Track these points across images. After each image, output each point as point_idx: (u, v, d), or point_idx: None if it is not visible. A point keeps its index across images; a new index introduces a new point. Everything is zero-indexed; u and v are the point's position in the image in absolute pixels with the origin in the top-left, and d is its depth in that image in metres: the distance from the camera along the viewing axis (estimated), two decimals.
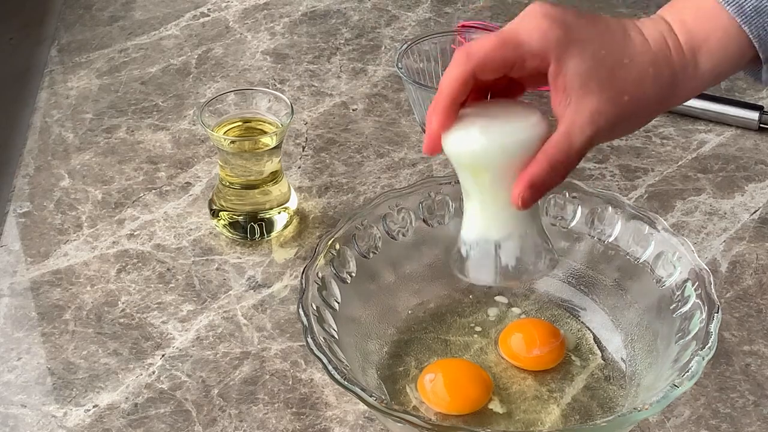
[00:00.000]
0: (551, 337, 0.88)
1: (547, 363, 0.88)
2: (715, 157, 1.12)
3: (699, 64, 0.75)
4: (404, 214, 0.92)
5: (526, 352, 0.88)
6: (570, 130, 0.73)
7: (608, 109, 0.73)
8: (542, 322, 0.90)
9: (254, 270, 1.00)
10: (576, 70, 0.72)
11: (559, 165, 0.73)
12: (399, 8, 1.35)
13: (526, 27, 0.73)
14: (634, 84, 0.73)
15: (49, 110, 1.20)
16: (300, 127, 1.17)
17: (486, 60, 0.73)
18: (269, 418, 0.87)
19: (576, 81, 0.72)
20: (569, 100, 0.73)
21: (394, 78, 1.23)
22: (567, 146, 0.73)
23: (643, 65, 0.74)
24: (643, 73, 0.74)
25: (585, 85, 0.72)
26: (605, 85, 0.73)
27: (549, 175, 0.73)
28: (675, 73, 0.75)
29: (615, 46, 0.74)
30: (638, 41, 0.74)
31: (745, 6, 0.74)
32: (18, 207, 1.08)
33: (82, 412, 0.88)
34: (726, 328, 0.93)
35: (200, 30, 1.33)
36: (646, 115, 0.76)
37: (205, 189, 1.09)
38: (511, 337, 0.89)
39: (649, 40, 0.75)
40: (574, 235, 0.92)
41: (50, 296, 0.98)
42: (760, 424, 0.86)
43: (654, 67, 0.74)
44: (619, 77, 0.73)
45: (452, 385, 0.85)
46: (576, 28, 0.73)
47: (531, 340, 0.88)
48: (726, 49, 0.75)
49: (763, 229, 1.03)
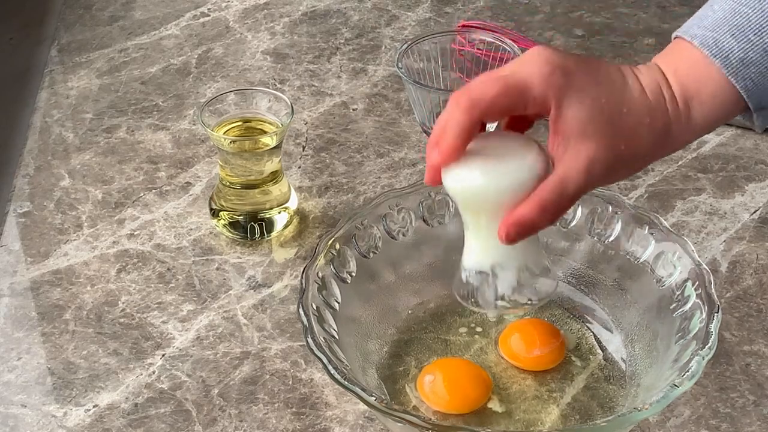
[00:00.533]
0: (551, 338, 0.88)
1: (548, 363, 0.88)
2: (715, 156, 1.12)
3: (692, 114, 0.76)
4: (404, 214, 0.92)
5: (526, 352, 0.88)
6: (565, 175, 0.73)
7: (605, 156, 0.73)
8: (542, 323, 0.90)
9: (254, 270, 1.00)
10: (575, 116, 0.73)
11: (551, 208, 0.74)
12: (399, 8, 1.35)
13: (528, 71, 0.73)
14: (631, 132, 0.74)
15: (49, 110, 1.20)
16: (300, 127, 1.17)
17: (491, 108, 0.74)
18: (269, 418, 0.87)
19: (575, 127, 0.73)
20: (567, 145, 0.73)
21: (394, 78, 1.23)
22: (560, 191, 0.73)
23: (640, 114, 0.75)
24: (639, 122, 0.74)
25: (583, 131, 0.73)
26: (603, 132, 0.73)
27: (538, 217, 0.74)
28: (669, 123, 0.75)
29: (614, 94, 0.74)
30: (636, 90, 0.75)
31: (732, 59, 0.74)
32: (18, 207, 1.08)
33: (82, 412, 0.88)
34: (726, 328, 0.93)
35: (200, 30, 1.33)
36: (641, 163, 0.77)
37: (205, 189, 1.09)
38: (511, 338, 0.89)
39: (646, 90, 0.75)
40: (574, 235, 0.92)
41: (50, 296, 0.98)
42: (760, 424, 0.86)
43: (650, 117, 0.75)
44: (617, 125, 0.74)
45: (451, 385, 0.85)
46: (577, 74, 0.74)
47: (531, 341, 0.88)
48: (717, 100, 0.76)
49: (763, 229, 1.03)
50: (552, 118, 0.74)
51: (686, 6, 1.33)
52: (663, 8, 1.33)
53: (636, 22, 1.31)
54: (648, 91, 0.75)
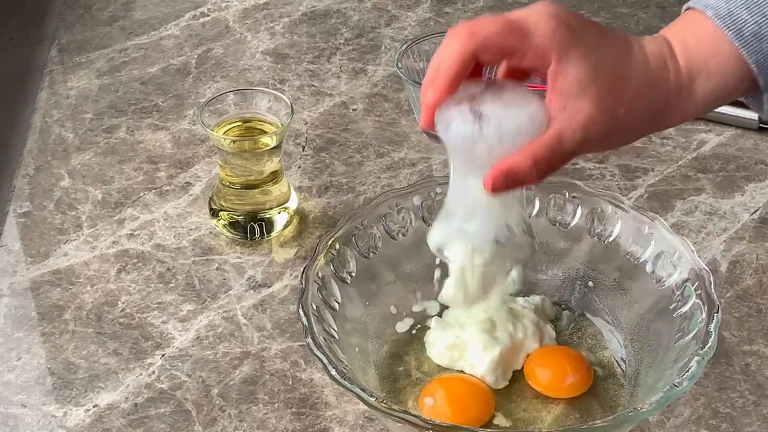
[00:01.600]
0: (579, 362, 0.87)
1: (581, 388, 0.86)
2: (715, 157, 1.12)
3: (695, 88, 0.75)
4: (404, 214, 0.92)
5: (559, 381, 0.86)
6: (561, 132, 0.72)
7: (603, 118, 0.72)
8: (564, 349, 0.89)
9: (254, 270, 1.00)
10: (576, 74, 0.72)
11: (543, 163, 0.72)
12: (399, 8, 1.35)
13: (534, 20, 0.72)
14: (631, 99, 0.73)
15: (49, 110, 1.20)
16: (300, 127, 1.17)
17: (489, 42, 0.72)
18: (269, 418, 0.87)
19: (575, 85, 0.72)
20: (565, 103, 0.72)
21: (394, 78, 1.23)
22: (555, 147, 0.72)
23: (641, 81, 0.74)
24: (640, 90, 0.74)
25: (583, 91, 0.72)
26: (603, 94, 0.72)
27: (528, 170, 0.72)
28: (669, 94, 0.75)
29: (618, 59, 0.73)
30: (640, 59, 0.74)
31: (744, 31, 0.73)
32: (18, 207, 1.08)
33: (82, 412, 0.88)
34: (726, 328, 0.93)
35: (200, 30, 1.33)
36: (637, 131, 0.76)
37: (205, 189, 1.09)
38: (539, 369, 0.87)
39: (650, 59, 0.74)
40: (574, 235, 0.92)
41: (50, 296, 0.98)
42: (760, 424, 0.86)
43: (651, 87, 0.74)
44: (618, 90, 0.73)
45: (455, 407, 0.83)
46: (582, 33, 0.73)
47: (562, 369, 0.86)
48: (724, 74, 0.74)
49: (763, 229, 1.03)
50: (551, 73, 0.72)
51: None
52: (663, 8, 1.33)
53: (636, 22, 1.31)
54: (652, 61, 0.74)
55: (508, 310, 0.88)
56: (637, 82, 0.73)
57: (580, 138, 0.72)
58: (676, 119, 0.76)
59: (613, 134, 0.74)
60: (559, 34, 0.72)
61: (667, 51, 0.75)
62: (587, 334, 0.90)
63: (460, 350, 0.87)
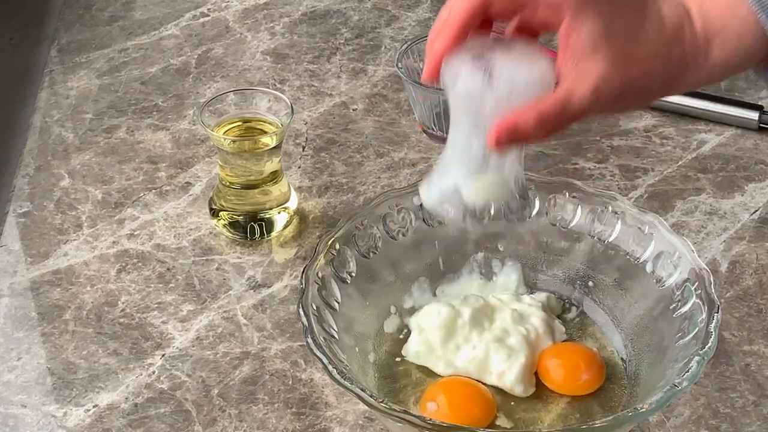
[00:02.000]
0: (592, 359, 0.87)
1: (594, 384, 0.86)
2: (715, 157, 1.12)
3: (711, 53, 0.74)
4: (404, 214, 0.92)
5: (574, 378, 0.86)
6: (571, 90, 0.70)
7: (615, 78, 0.70)
8: (576, 345, 0.89)
9: (254, 270, 1.00)
10: (590, 31, 0.70)
11: (549, 121, 0.70)
12: (399, 8, 1.35)
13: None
14: (645, 60, 0.72)
15: (49, 110, 1.20)
16: (300, 127, 1.17)
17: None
18: (269, 418, 0.87)
19: (588, 43, 0.70)
20: (577, 61, 0.70)
21: (394, 78, 1.23)
22: (563, 105, 0.70)
23: (656, 43, 0.72)
24: (654, 52, 0.72)
25: (596, 49, 0.70)
26: (617, 54, 0.70)
27: (534, 128, 0.70)
28: (685, 57, 0.73)
29: (634, 18, 0.72)
30: (656, 20, 0.72)
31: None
32: (18, 207, 1.08)
33: (82, 412, 0.88)
34: (726, 328, 0.93)
35: (200, 30, 1.33)
36: (649, 94, 0.75)
37: (205, 189, 1.09)
38: (554, 367, 0.87)
39: (665, 20, 0.73)
40: (574, 235, 0.92)
41: (50, 296, 0.98)
42: (760, 424, 0.86)
43: (666, 48, 0.72)
44: (632, 50, 0.71)
45: (457, 411, 0.83)
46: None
47: (575, 366, 0.86)
48: (741, 39, 0.73)
49: (763, 229, 1.03)
50: (564, 30, 0.70)
51: None
52: None
53: None
54: (668, 23, 0.73)
55: (514, 313, 0.88)
56: (652, 44, 0.72)
57: (590, 98, 0.70)
58: (689, 83, 0.75)
59: (624, 96, 0.72)
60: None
61: (683, 13, 0.74)
62: (587, 334, 0.90)
63: (483, 363, 0.86)
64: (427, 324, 0.88)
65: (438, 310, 0.88)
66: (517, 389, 0.85)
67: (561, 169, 1.09)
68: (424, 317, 0.89)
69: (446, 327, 0.87)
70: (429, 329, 0.87)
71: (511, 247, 0.94)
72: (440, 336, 0.87)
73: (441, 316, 0.87)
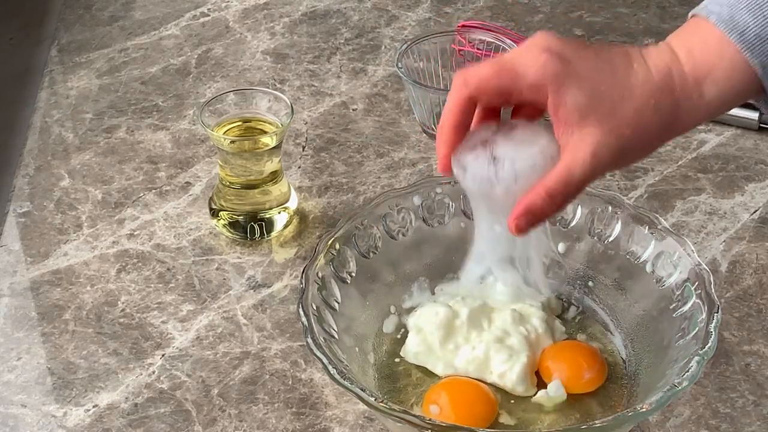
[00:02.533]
0: (593, 357, 0.87)
1: (597, 382, 0.86)
2: (715, 156, 1.12)
3: (704, 93, 0.75)
4: (404, 214, 0.92)
5: (577, 377, 0.86)
6: (571, 162, 0.73)
7: (610, 141, 0.73)
8: (577, 344, 0.89)
9: (254, 270, 1.00)
10: (574, 103, 0.73)
11: (558, 196, 0.74)
12: (399, 8, 1.35)
13: (525, 58, 0.74)
14: (636, 116, 0.73)
15: (49, 110, 1.20)
16: (300, 127, 1.17)
17: (482, 87, 0.75)
18: (269, 418, 0.87)
19: (575, 114, 0.73)
20: (572, 131, 0.73)
21: (394, 78, 1.23)
22: (567, 178, 0.73)
23: (644, 97, 0.74)
24: (644, 105, 0.74)
25: (584, 118, 0.73)
26: (606, 118, 0.73)
27: (546, 205, 0.74)
28: (678, 102, 0.74)
29: (616, 78, 0.74)
30: (641, 72, 0.74)
31: (748, 34, 0.74)
32: (18, 207, 1.08)
33: (82, 412, 0.88)
34: (726, 328, 0.93)
35: (200, 30, 1.33)
36: (650, 145, 0.77)
37: (205, 189, 1.09)
38: (556, 366, 0.87)
39: (652, 71, 0.74)
40: (574, 235, 0.92)
41: (50, 296, 0.98)
42: (760, 424, 0.86)
43: (656, 98, 0.74)
44: (620, 110, 0.73)
45: (460, 411, 0.83)
46: (576, 61, 0.73)
47: (578, 365, 0.86)
48: (731, 79, 0.75)
49: (763, 229, 1.03)
50: (551, 106, 0.73)
51: (686, 6, 1.32)
52: (663, 8, 1.33)
53: (636, 22, 1.31)
54: (654, 72, 0.74)
55: (514, 313, 0.88)
56: (640, 98, 0.74)
57: (590, 165, 0.73)
58: (687, 125, 0.77)
59: (625, 153, 0.74)
60: (550, 68, 0.73)
61: (671, 60, 0.75)
62: (587, 334, 0.90)
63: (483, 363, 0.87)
64: (426, 324, 0.88)
65: (436, 310, 0.88)
66: (519, 389, 0.85)
67: None
68: (421, 318, 0.89)
69: (444, 327, 0.87)
70: (427, 330, 0.87)
71: None
72: (439, 337, 0.87)
73: (439, 317, 0.87)
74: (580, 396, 0.86)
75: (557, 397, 0.84)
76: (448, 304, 0.88)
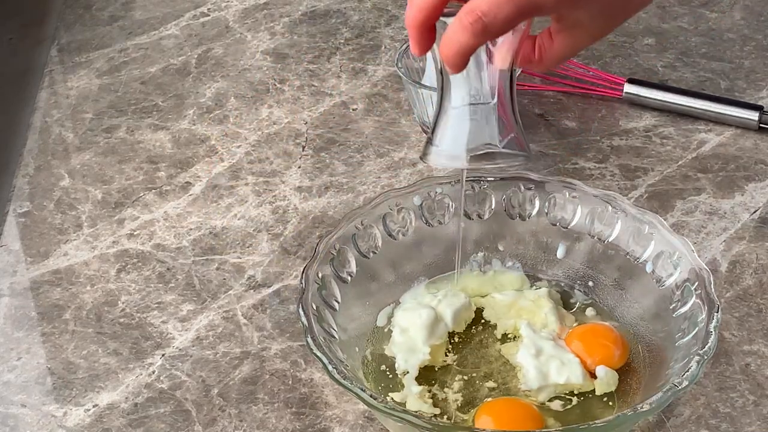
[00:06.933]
0: (614, 337, 0.87)
1: (622, 359, 0.86)
2: (715, 156, 1.12)
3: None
4: (404, 214, 0.92)
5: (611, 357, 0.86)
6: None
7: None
8: (598, 326, 0.89)
9: (254, 270, 1.00)
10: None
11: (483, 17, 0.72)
12: (399, 8, 1.35)
13: None
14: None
15: (49, 110, 1.20)
16: (300, 127, 1.17)
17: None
18: (269, 418, 0.87)
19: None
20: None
21: (394, 78, 1.23)
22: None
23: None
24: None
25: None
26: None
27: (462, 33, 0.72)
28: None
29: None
30: None
31: None
32: (18, 207, 1.08)
33: (82, 411, 0.88)
34: (726, 328, 0.93)
35: (200, 30, 1.33)
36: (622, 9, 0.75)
37: (205, 189, 1.09)
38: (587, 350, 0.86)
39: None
40: (574, 235, 0.92)
41: (50, 296, 0.98)
42: (760, 424, 0.86)
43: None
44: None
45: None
46: None
47: (604, 346, 0.86)
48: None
49: (763, 228, 1.03)
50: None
51: (686, 6, 1.33)
52: (663, 8, 1.33)
53: (636, 22, 1.31)
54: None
55: (526, 321, 0.88)
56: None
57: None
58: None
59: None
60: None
61: None
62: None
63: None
64: (410, 326, 0.87)
65: (419, 312, 0.87)
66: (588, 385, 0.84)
67: (561, 169, 1.09)
68: (405, 318, 0.88)
69: (428, 328, 0.87)
70: (411, 330, 0.87)
71: (511, 247, 0.94)
72: (422, 337, 0.86)
73: (422, 319, 0.87)
74: (580, 394, 0.86)
75: (611, 379, 0.84)
76: (430, 305, 0.88)
